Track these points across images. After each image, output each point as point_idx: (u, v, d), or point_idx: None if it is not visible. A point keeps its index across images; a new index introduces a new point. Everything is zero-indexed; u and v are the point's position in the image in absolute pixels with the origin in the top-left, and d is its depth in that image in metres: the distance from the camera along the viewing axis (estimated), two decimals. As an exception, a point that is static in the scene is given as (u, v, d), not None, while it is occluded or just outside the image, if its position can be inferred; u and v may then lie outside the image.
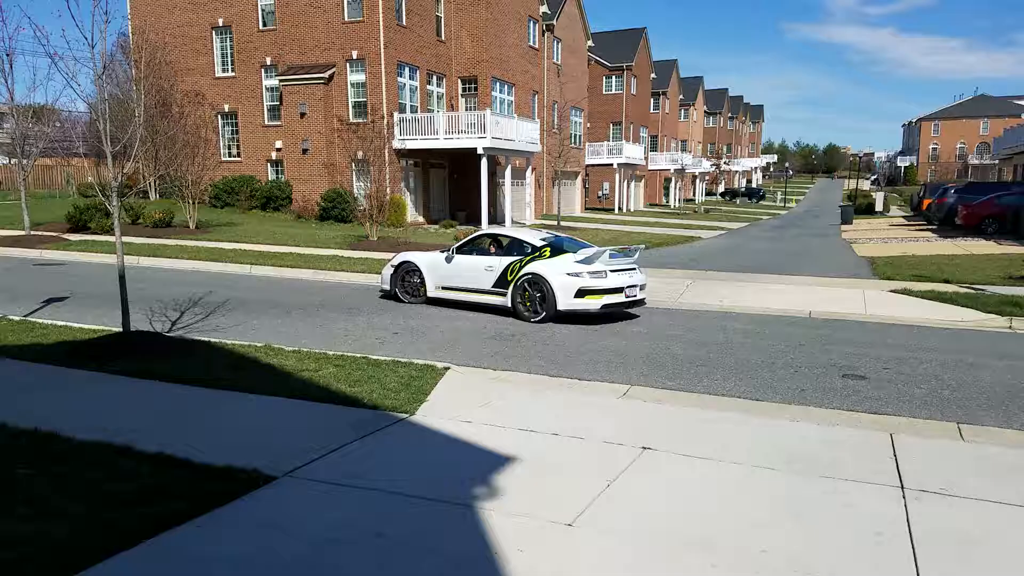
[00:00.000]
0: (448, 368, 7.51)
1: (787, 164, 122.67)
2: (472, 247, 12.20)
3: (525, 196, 33.45)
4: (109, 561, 3.48)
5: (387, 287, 12.65)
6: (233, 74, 29.23)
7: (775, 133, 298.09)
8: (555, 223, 31.25)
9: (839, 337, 10.14)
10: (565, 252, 11.16)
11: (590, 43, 44.15)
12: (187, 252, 17.70)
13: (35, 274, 14.82)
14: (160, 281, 14.00)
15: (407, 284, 12.42)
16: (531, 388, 7.10)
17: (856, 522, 4.22)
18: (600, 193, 49.86)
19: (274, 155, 28.78)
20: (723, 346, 9.41)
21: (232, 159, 29.75)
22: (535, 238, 11.67)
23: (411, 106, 28.31)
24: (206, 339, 8.56)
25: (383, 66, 26.48)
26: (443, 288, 12.07)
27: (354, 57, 26.90)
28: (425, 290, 12.20)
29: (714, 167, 76.25)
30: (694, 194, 73.83)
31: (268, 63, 28.41)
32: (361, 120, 26.45)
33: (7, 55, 19.56)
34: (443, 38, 30.26)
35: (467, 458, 5.15)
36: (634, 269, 11.35)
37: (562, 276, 10.71)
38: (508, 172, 29.72)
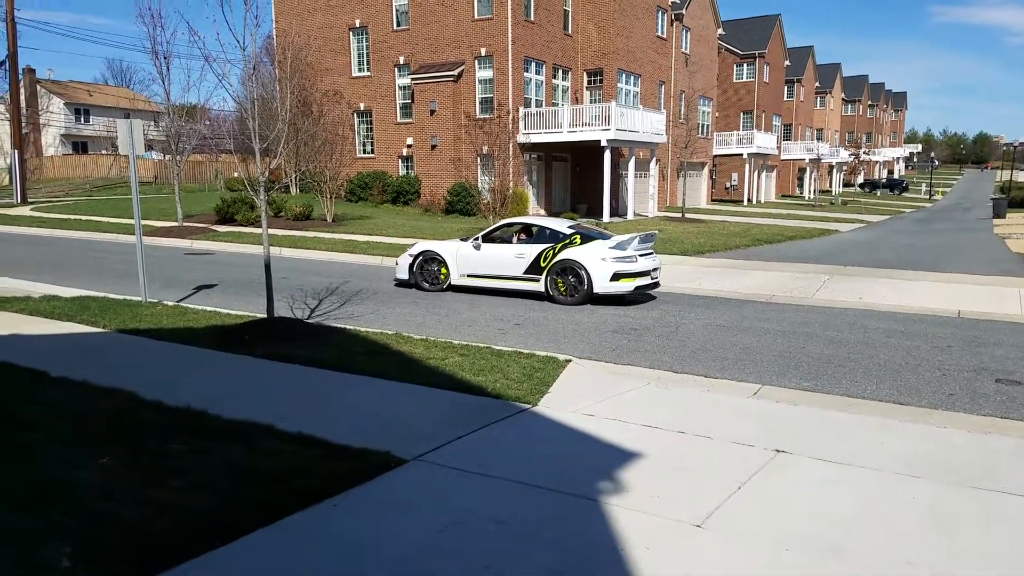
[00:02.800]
0: (570, 360, 7.46)
1: (932, 154, 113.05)
2: (499, 236, 12.57)
3: (648, 188, 32.80)
4: (254, 534, 3.70)
5: (404, 276, 12.85)
6: (369, 73, 30.54)
7: (919, 121, 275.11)
8: (679, 215, 30.43)
9: (991, 339, 9.21)
10: (594, 240, 11.66)
11: (720, 31, 42.57)
12: (324, 244, 18.70)
13: (187, 263, 16.16)
14: (299, 271, 14.86)
15: (426, 272, 12.65)
16: (655, 384, 6.92)
17: (1014, 538, 3.79)
18: (728, 184, 48.03)
19: (405, 151, 29.84)
20: (862, 346, 8.77)
21: (366, 155, 31.13)
22: (563, 226, 12.15)
23: (536, 100, 28.45)
24: (342, 326, 8.98)
25: (510, 62, 26.76)
26: (469, 276, 12.38)
27: (482, 54, 27.36)
28: (446, 278, 12.47)
29: (852, 157, 71.44)
30: (830, 185, 69.56)
31: (401, 62, 29.45)
32: (487, 116, 26.88)
33: (165, 58, 21.01)
34: (570, 32, 30.18)
35: (590, 451, 5.08)
36: (653, 253, 11.99)
37: (597, 261, 11.27)
38: (632, 164, 29.24)
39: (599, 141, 26.61)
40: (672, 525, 3.95)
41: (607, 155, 26.92)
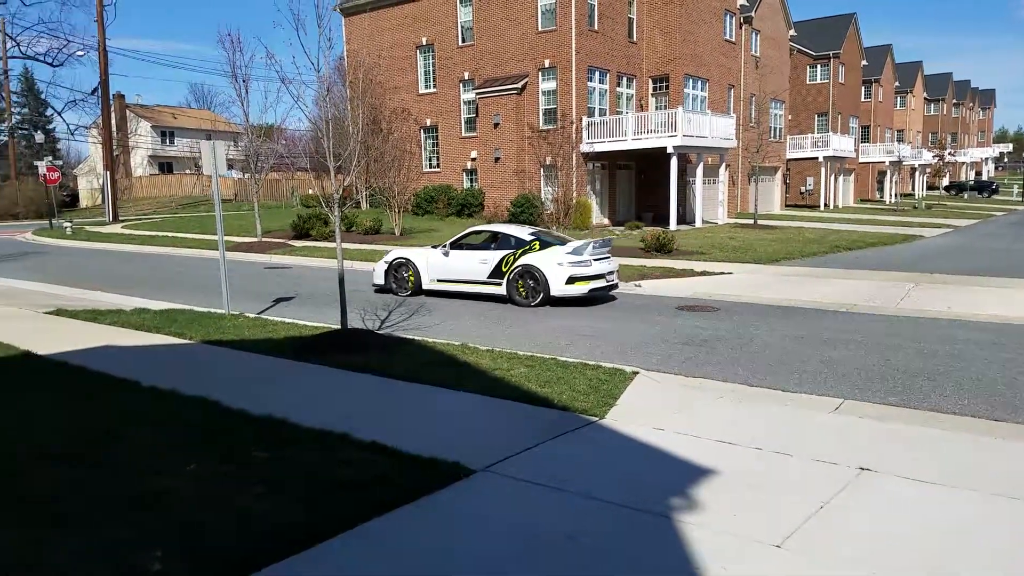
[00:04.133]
0: (637, 372, 7.36)
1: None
2: (465, 243, 13.25)
3: (717, 194, 32.13)
4: (333, 541, 3.80)
5: (380, 282, 13.64)
6: (434, 90, 31.10)
7: (1010, 120, 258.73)
8: (751, 221, 29.69)
9: (1107, 352, 8.57)
10: (552, 246, 12.31)
11: (792, 32, 41.44)
12: (393, 256, 19.04)
13: (266, 276, 16.76)
14: (370, 283, 15.18)
15: (399, 278, 13.48)
16: (729, 398, 6.74)
17: None
18: (803, 189, 46.57)
19: (469, 164, 30.20)
20: (952, 358, 8.32)
21: (432, 170, 31.66)
22: (524, 233, 12.81)
23: (600, 109, 28.34)
24: (411, 337, 9.14)
25: (573, 72, 26.77)
26: (439, 280, 13.20)
27: (546, 66, 27.47)
28: (416, 283, 13.31)
29: (936, 158, 68.08)
30: (913, 188, 66.54)
31: (465, 77, 29.87)
32: (550, 127, 26.94)
33: (244, 81, 21.95)
34: (634, 39, 29.99)
35: (661, 467, 4.99)
36: (609, 257, 12.63)
37: (554, 266, 11.96)
38: (700, 170, 28.72)
39: (665, 148, 26.26)
40: (750, 545, 3.84)
41: (674, 162, 26.54)
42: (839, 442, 5.42)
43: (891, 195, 55.05)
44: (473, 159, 29.92)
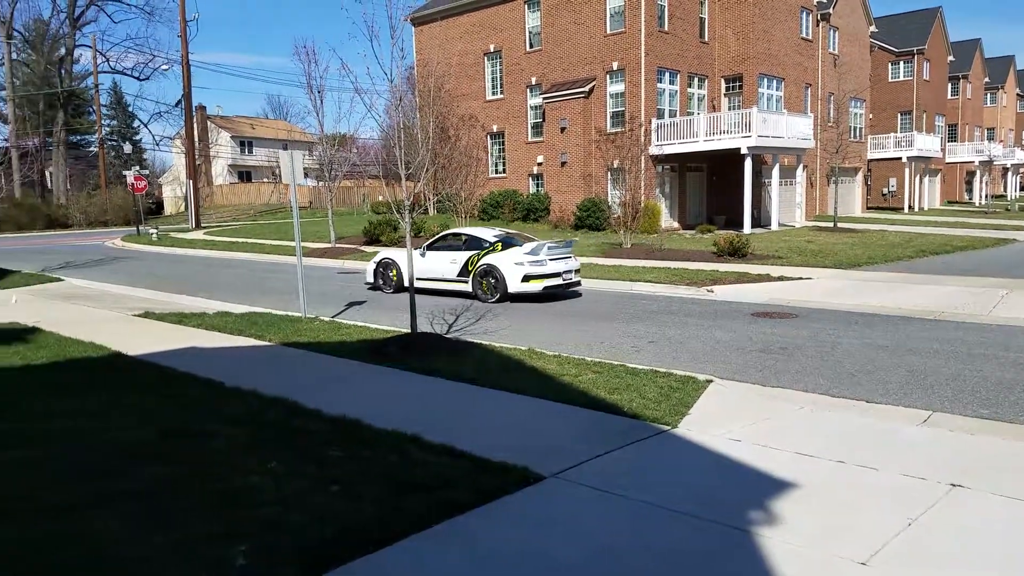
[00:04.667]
0: (711, 381, 7.19)
1: None
2: (440, 244, 14.43)
3: (795, 196, 31.14)
4: (405, 541, 3.85)
5: (371, 280, 14.96)
6: (501, 96, 31.31)
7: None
8: (831, 224, 28.64)
9: None
10: (513, 247, 13.34)
11: (872, 28, 39.82)
12: (461, 261, 19.22)
13: (339, 280, 17.19)
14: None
15: (385, 276, 14.68)
16: (809, 408, 6.50)
17: None
18: (885, 190, 44.67)
19: (535, 169, 30.25)
20: (1055, 370, 7.79)
21: (498, 175, 31.87)
22: (489, 235, 13.99)
23: (670, 111, 27.94)
24: (477, 341, 9.20)
25: (643, 74, 26.49)
26: (418, 279, 13.43)
27: (614, 68, 27.28)
28: (399, 281, 14.45)
29: (1032, 157, 64.16)
30: (1005, 189, 62.85)
31: (533, 83, 29.97)
32: (618, 129, 26.69)
33: (319, 92, 22.68)
34: (706, 39, 29.45)
35: (737, 478, 4.85)
36: (569, 257, 13.63)
37: (511, 265, 13.02)
38: (776, 171, 27.93)
39: (739, 149, 25.65)
40: (835, 561, 3.68)
41: (748, 163, 25.89)
42: (928, 456, 5.15)
43: (981, 197, 52.11)
44: (539, 164, 29.96)
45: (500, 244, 13.53)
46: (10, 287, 15.17)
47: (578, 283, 13.93)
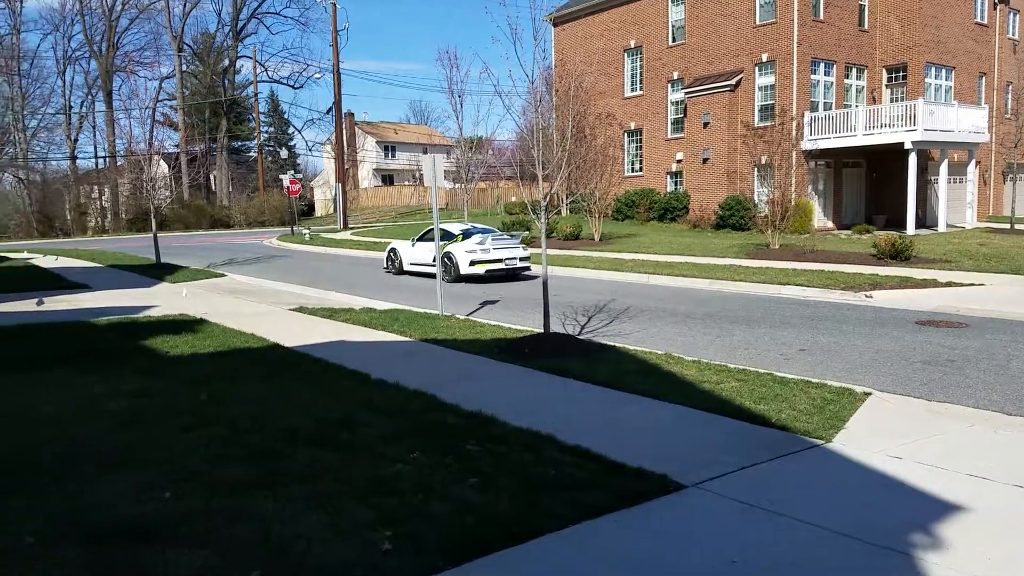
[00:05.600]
0: (869, 394, 6.67)
1: None
2: (425, 237, 17.48)
3: (965, 195, 28.31)
4: (541, 539, 3.86)
5: (385, 266, 19.02)
6: (640, 92, 30.82)
7: None
8: (1007, 225, 25.81)
9: None
10: (469, 238, 16.51)
11: (1063, 4, 35.44)
12: (592, 262, 19.16)
13: (475, 280, 17.57)
14: (569, 288, 15.38)
15: (392, 260, 18.65)
16: (981, 426, 5.87)
17: None
18: (1073, 189, 39.55)
19: (674, 167, 29.50)
20: None
21: (634, 174, 31.39)
22: (456, 229, 17.24)
23: (824, 103, 26.33)
24: (611, 343, 9.08)
25: (795, 65, 25.17)
26: (411, 264, 17.99)
27: (763, 60, 26.10)
28: (399, 265, 18.39)
29: None
30: None
31: (674, 77, 29.27)
32: (767, 124, 25.46)
33: (459, 96, 23.37)
34: (865, 27, 27.47)
35: (897, 499, 4.46)
36: (516, 247, 16.57)
37: (463, 253, 16.26)
38: (943, 168, 25.56)
39: (902, 143, 23.70)
40: (1015, 601, 3.28)
41: (912, 159, 23.85)
42: None
43: None
44: (679, 161, 29.21)
45: (462, 236, 16.71)
46: (180, 281, 16.81)
47: (526, 268, 16.82)
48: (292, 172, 42.13)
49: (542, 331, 9.21)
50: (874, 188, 28.26)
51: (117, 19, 54.91)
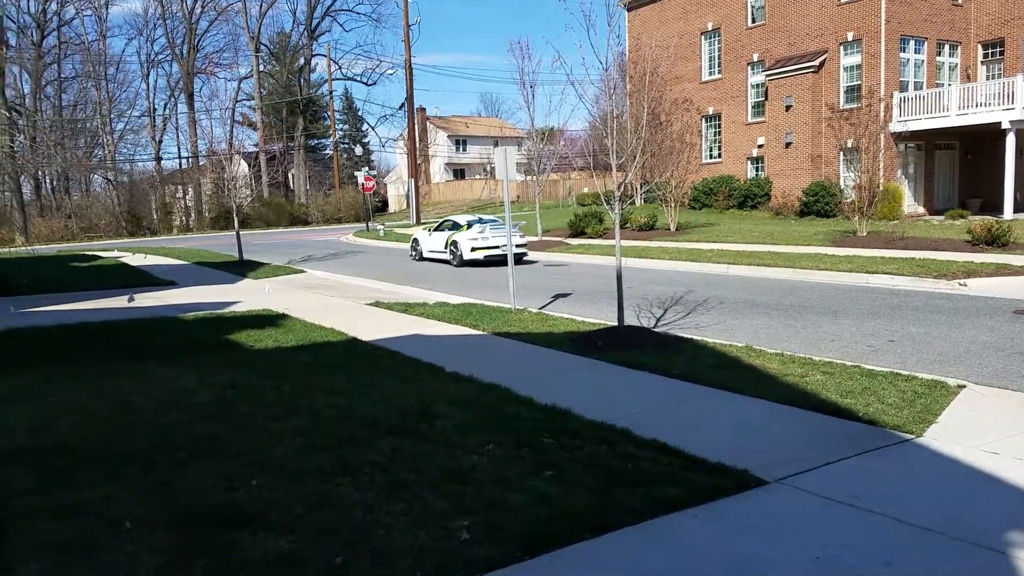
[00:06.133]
0: (963, 386, 6.33)
1: None
2: (441, 227, 20.44)
3: (1069, 176, 26.36)
4: (620, 532, 3.85)
5: (411, 253, 21.68)
6: (719, 76, 30.03)
7: None
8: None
9: None
10: (472, 227, 18.98)
11: None
12: (668, 253, 18.82)
13: (546, 273, 17.60)
14: (643, 280, 15.17)
15: (415, 249, 21.33)
16: (1093, 423, 5.47)
17: None
18: None
19: (755, 152, 28.63)
20: None
21: (712, 161, 30.62)
22: (463, 220, 19.89)
23: (914, 83, 25.02)
24: (688, 335, 8.92)
25: (883, 44, 24.00)
26: (428, 251, 20.54)
27: (849, 39, 25.00)
28: (420, 253, 20.95)
29: None
30: None
31: (755, 59, 28.40)
32: (853, 105, 24.37)
33: (531, 87, 23.23)
34: (959, 1, 25.88)
35: (994, 495, 4.24)
36: (514, 235, 15.18)
37: (466, 240, 18.79)
38: (1046, 148, 23.85)
39: (999, 123, 22.26)
40: None
41: (1010, 139, 22.38)
42: None
43: None
44: (760, 146, 28.33)
45: (467, 225, 19.19)
46: (262, 277, 17.49)
47: (524, 254, 18.96)
48: (366, 169, 43.12)
49: (616, 324, 9.13)
50: (968, 171, 26.67)
51: (197, 21, 57.36)
